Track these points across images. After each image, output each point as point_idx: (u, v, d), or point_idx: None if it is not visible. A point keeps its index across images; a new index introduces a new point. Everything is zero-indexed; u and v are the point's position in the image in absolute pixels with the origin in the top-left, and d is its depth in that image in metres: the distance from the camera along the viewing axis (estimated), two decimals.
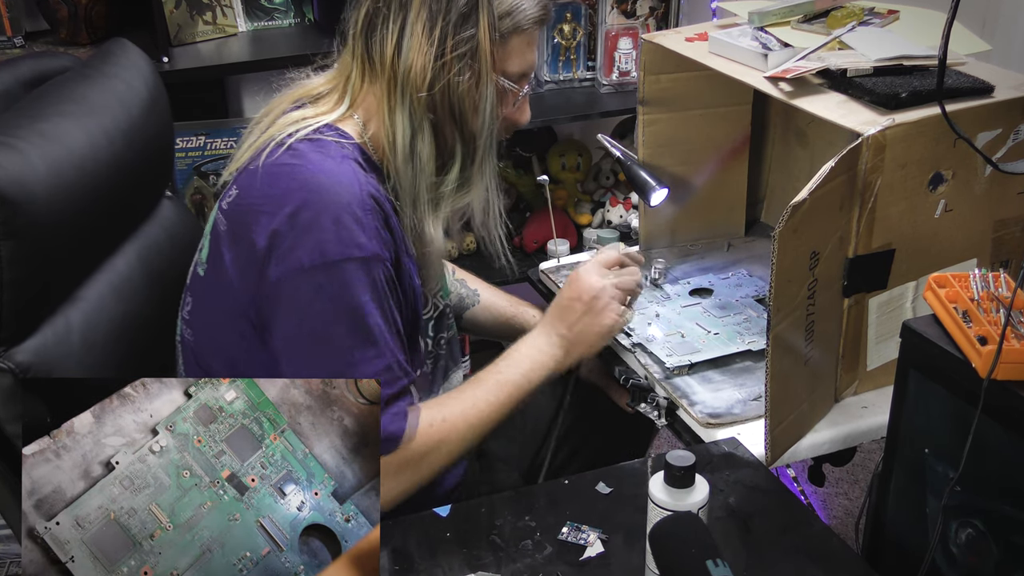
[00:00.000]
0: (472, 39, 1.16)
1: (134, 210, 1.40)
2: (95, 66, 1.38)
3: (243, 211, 1.17)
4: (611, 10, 2.36)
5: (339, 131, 1.20)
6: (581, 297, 1.34)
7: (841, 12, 1.43)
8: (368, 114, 1.22)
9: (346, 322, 1.13)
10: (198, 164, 2.22)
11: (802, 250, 1.17)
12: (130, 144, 1.32)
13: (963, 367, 1.02)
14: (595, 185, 2.60)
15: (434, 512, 1.17)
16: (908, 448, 1.14)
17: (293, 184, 1.14)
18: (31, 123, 1.21)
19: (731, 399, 1.35)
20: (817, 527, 1.16)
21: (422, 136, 1.18)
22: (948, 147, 1.24)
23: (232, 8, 2.25)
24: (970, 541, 1.07)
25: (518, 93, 1.25)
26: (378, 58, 1.18)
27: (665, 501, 1.01)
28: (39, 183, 1.14)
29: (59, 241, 1.19)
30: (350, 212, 1.12)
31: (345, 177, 1.14)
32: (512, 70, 1.23)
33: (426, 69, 1.16)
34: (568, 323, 1.34)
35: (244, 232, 1.15)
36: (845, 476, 2.35)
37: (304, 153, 1.16)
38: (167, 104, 1.43)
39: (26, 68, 1.37)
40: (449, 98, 1.18)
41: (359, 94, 1.22)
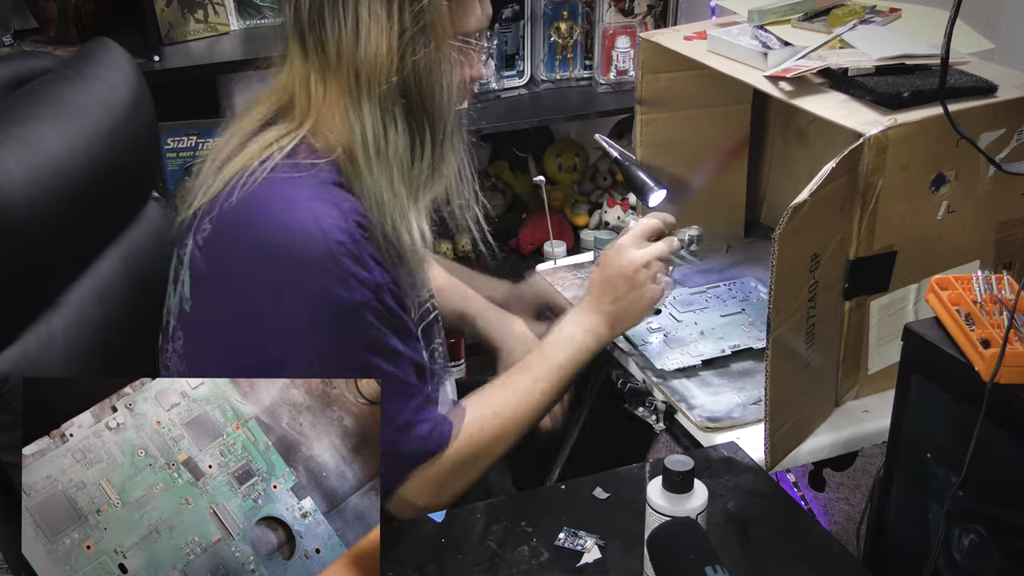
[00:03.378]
0: (428, 6, 1.10)
1: (117, 214, 1.38)
2: (76, 67, 1.36)
3: (224, 252, 1.12)
4: (608, 8, 2.35)
5: (312, 148, 1.14)
6: (624, 271, 1.33)
7: (842, 10, 1.42)
8: (335, 118, 1.14)
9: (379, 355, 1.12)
10: (190, 165, 2.20)
11: (802, 252, 1.16)
12: (111, 147, 1.29)
13: (966, 370, 1.01)
14: (592, 186, 2.60)
15: (429, 517, 1.16)
16: (910, 453, 1.14)
17: (274, 230, 1.08)
18: (8, 127, 1.19)
19: (730, 403, 1.34)
20: (817, 533, 1.15)
21: (394, 126, 1.12)
22: (951, 147, 1.23)
23: (224, 6, 2.24)
24: (973, 547, 1.06)
25: (479, 47, 1.20)
26: (334, 52, 1.10)
27: (663, 506, 1.01)
28: (15, 189, 1.12)
29: (38, 247, 1.16)
30: (344, 251, 1.07)
31: (326, 209, 1.08)
32: (470, 28, 1.17)
33: (392, 51, 1.09)
34: (613, 298, 1.33)
35: (229, 276, 1.11)
36: (846, 481, 2.35)
37: (281, 186, 1.10)
38: (151, 105, 1.41)
39: (5, 70, 1.34)
40: (416, 76, 1.11)
41: (323, 99, 1.14)
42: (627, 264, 1.33)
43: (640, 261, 1.33)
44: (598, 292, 1.34)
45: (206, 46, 2.19)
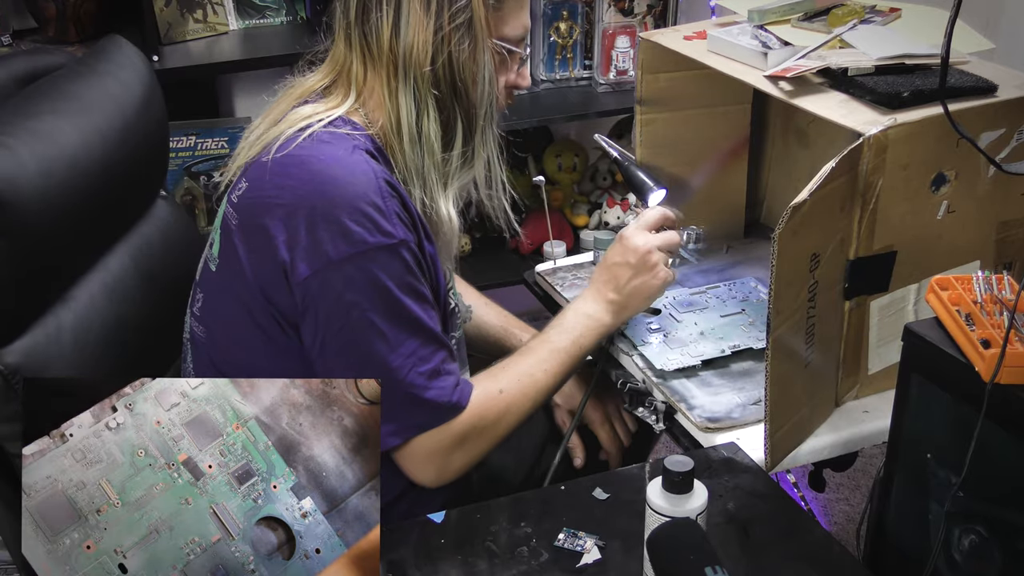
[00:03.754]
0: (467, 7, 1.17)
1: (128, 210, 1.39)
2: (89, 64, 1.38)
3: (255, 204, 1.17)
4: (608, 8, 2.35)
5: (351, 123, 1.20)
6: (629, 260, 1.34)
7: (842, 10, 1.42)
8: (373, 103, 1.22)
9: (380, 308, 1.14)
10: (189, 165, 2.20)
11: (802, 252, 1.16)
12: (124, 143, 1.31)
13: (966, 371, 1.01)
14: (592, 186, 2.59)
15: (428, 518, 1.15)
16: (910, 453, 1.13)
17: (307, 175, 1.14)
18: (22, 121, 1.20)
19: (730, 403, 1.34)
20: (817, 533, 1.15)
21: (427, 114, 1.19)
22: (951, 147, 1.23)
23: (223, 6, 2.24)
24: (973, 547, 1.06)
25: (519, 56, 1.26)
26: (375, 43, 1.19)
27: (663, 507, 1.01)
28: (29, 182, 1.13)
29: (50, 241, 1.18)
30: (369, 201, 1.12)
31: (359, 166, 1.15)
32: (509, 34, 1.23)
33: (427, 44, 1.17)
34: (617, 286, 1.35)
35: (258, 225, 1.15)
36: (846, 481, 2.34)
37: (316, 145, 1.16)
38: (162, 103, 1.43)
39: (19, 65, 1.36)
40: (451, 70, 1.18)
41: (363, 84, 1.22)
42: (631, 252, 1.35)
43: (644, 248, 1.34)
44: (603, 279, 1.36)
45: (205, 46, 2.18)
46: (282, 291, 1.16)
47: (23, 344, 1.16)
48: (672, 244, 1.38)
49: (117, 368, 1.27)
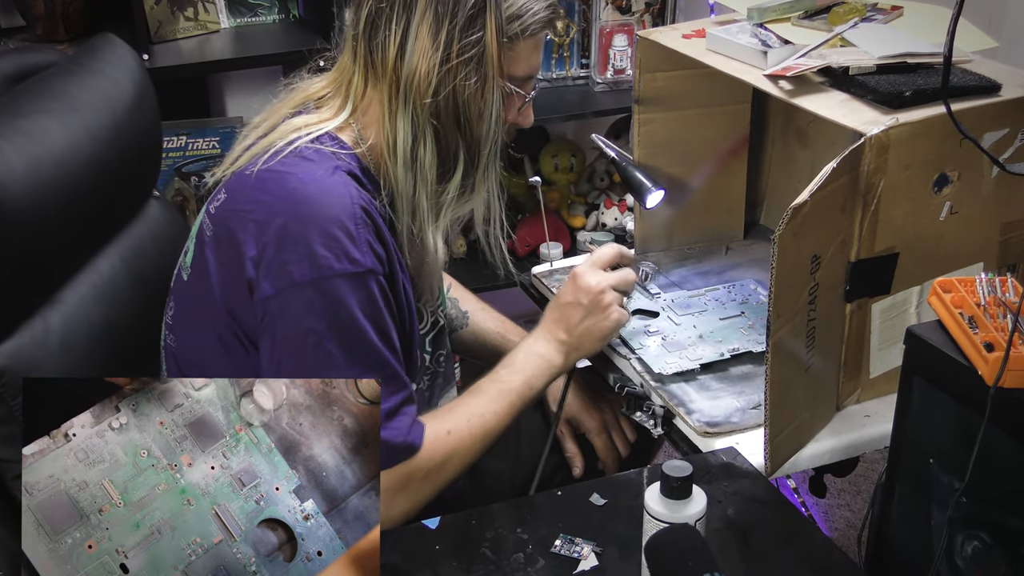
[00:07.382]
0: (479, 43, 1.14)
1: (118, 210, 1.39)
2: (80, 62, 1.37)
3: (230, 216, 1.15)
4: (606, 6, 2.35)
5: (338, 141, 1.18)
6: (580, 300, 1.32)
7: (843, 8, 1.42)
8: (368, 120, 1.20)
9: (338, 337, 1.12)
10: (179, 165, 2.19)
11: (803, 253, 1.16)
12: (114, 142, 1.30)
13: (969, 374, 1.01)
14: (589, 186, 2.58)
15: (423, 524, 1.15)
16: (912, 458, 1.13)
17: (281, 192, 1.12)
18: (10, 120, 1.20)
19: (729, 407, 1.33)
20: (818, 539, 1.15)
21: (424, 143, 1.16)
22: (954, 147, 1.23)
23: (214, 4, 2.23)
24: (976, 553, 1.05)
25: (524, 97, 1.24)
26: (380, 61, 1.16)
27: (661, 513, 1.00)
28: (16, 181, 1.13)
29: (38, 241, 1.17)
30: (340, 225, 1.10)
31: (336, 189, 1.12)
32: (518, 73, 1.21)
33: (431, 74, 1.13)
34: (568, 326, 1.32)
35: (230, 238, 1.14)
36: (847, 487, 2.34)
37: (296, 162, 1.14)
38: (155, 102, 1.42)
39: (9, 63, 1.36)
40: (454, 104, 1.15)
41: (360, 99, 1.20)
42: (583, 291, 1.32)
43: (596, 288, 1.32)
44: (554, 319, 1.34)
45: (196, 44, 2.18)
46: (247, 308, 1.14)
47: (9, 346, 1.15)
48: (627, 283, 1.35)
49: (104, 372, 1.26)
